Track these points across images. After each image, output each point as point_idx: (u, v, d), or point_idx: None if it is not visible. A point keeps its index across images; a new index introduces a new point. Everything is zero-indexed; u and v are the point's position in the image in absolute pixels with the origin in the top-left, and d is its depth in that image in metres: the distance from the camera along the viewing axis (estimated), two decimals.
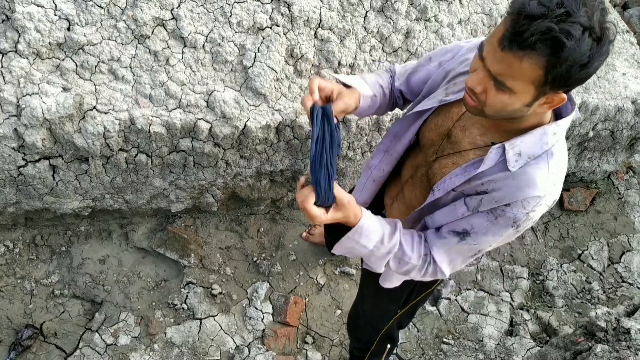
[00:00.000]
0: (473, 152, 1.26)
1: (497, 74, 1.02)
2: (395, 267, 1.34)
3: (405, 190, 1.56)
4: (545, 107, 1.08)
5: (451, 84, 1.35)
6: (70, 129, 1.99)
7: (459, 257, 1.32)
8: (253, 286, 2.63)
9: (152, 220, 2.64)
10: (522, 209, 1.15)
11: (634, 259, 3.22)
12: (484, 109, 1.10)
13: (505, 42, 0.97)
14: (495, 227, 1.21)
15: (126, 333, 2.40)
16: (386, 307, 1.89)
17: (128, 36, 2.02)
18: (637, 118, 2.89)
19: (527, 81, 1.00)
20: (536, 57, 0.95)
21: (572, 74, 0.96)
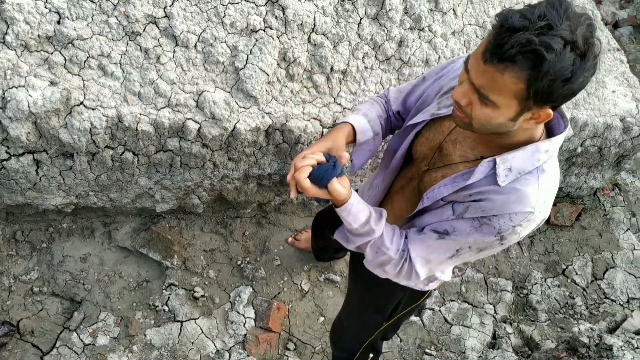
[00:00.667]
0: (463, 165, 1.26)
1: (480, 87, 1.02)
2: (372, 255, 1.36)
3: (394, 201, 1.56)
4: (531, 122, 1.07)
5: (444, 97, 1.35)
6: (56, 124, 1.96)
7: (435, 255, 1.31)
8: (236, 290, 2.60)
9: (136, 219, 2.61)
10: (509, 221, 1.14)
11: (617, 276, 3.23)
12: (471, 122, 1.10)
13: (487, 55, 0.97)
14: (478, 234, 1.19)
15: (105, 333, 2.36)
16: (372, 319, 1.87)
17: (119, 32, 2.00)
18: (625, 136, 2.91)
19: (509, 95, 0.99)
20: (517, 71, 0.95)
21: (554, 89, 0.95)
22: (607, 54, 3.10)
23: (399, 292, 1.71)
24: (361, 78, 2.36)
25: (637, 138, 2.94)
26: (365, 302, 1.84)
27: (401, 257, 1.33)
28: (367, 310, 1.86)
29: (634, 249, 3.39)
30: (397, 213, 1.54)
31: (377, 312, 1.83)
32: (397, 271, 1.36)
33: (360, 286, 1.85)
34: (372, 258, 1.37)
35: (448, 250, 1.26)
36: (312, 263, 2.77)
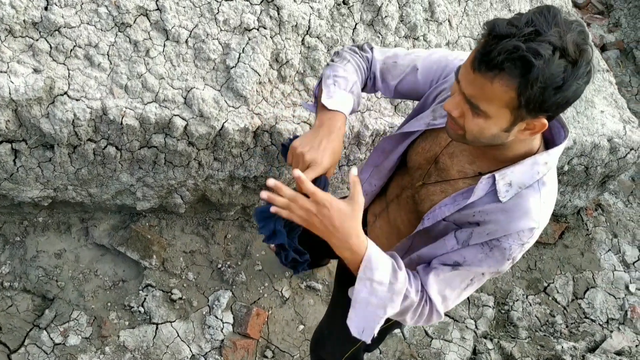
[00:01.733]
0: (462, 182, 1.23)
1: (470, 97, 0.99)
2: (399, 305, 1.16)
3: (390, 210, 1.51)
4: (526, 133, 1.04)
5: (439, 106, 1.31)
6: (37, 113, 1.89)
7: (450, 290, 1.20)
8: (215, 294, 2.54)
9: (115, 217, 2.53)
10: (518, 240, 1.11)
11: (598, 296, 3.23)
12: (465, 134, 1.07)
13: (476, 63, 0.95)
14: (490, 259, 1.15)
15: (77, 333, 2.28)
16: None
17: (109, 23, 1.94)
18: (612, 156, 2.92)
19: (500, 104, 0.97)
20: (507, 79, 0.92)
21: (546, 97, 0.93)
22: (597, 74, 3.12)
23: None
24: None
25: (623, 159, 2.96)
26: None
27: (421, 298, 1.18)
28: None
29: (615, 270, 3.40)
30: (393, 223, 1.49)
31: None
32: (417, 316, 1.20)
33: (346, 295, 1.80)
34: (397, 308, 1.17)
35: (463, 281, 1.19)
36: None
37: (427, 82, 1.37)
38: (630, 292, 3.32)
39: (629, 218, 3.73)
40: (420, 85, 1.38)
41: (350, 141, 2.38)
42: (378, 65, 1.43)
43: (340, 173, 2.57)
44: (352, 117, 2.32)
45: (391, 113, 2.40)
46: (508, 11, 2.68)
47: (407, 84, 1.40)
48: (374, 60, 1.44)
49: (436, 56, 1.37)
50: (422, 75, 1.37)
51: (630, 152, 2.92)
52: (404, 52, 1.43)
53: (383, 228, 1.56)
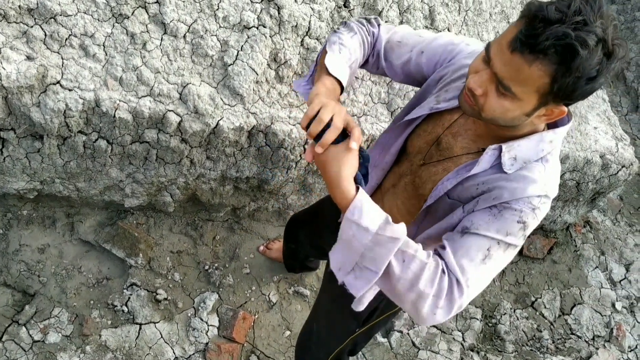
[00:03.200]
0: (465, 157, 1.21)
1: (502, 77, 0.97)
2: (400, 268, 1.03)
3: (386, 201, 1.48)
4: (543, 119, 1.05)
5: (443, 91, 1.29)
6: (28, 101, 1.84)
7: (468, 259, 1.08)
8: (201, 296, 2.48)
9: (102, 213, 2.48)
10: (529, 204, 1.08)
11: (584, 313, 3.23)
12: (481, 112, 1.05)
13: (517, 44, 0.93)
14: (500, 222, 1.08)
15: (57, 330, 2.21)
16: (345, 325, 1.76)
17: (106, 13, 1.90)
18: (603, 172, 2.93)
19: (532, 88, 0.96)
20: (546, 64, 0.91)
21: (578, 86, 0.92)
22: None
23: (378, 295, 1.62)
24: (351, 88, 2.31)
25: (614, 176, 2.97)
26: (340, 305, 1.72)
27: (436, 265, 1.05)
28: (341, 315, 1.73)
29: (602, 287, 3.41)
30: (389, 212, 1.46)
31: (352, 317, 1.71)
32: (435, 286, 1.03)
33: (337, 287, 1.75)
34: (401, 271, 1.03)
35: (479, 250, 1.09)
36: (282, 274, 2.68)
37: (432, 66, 1.34)
38: (617, 310, 3.32)
39: (617, 236, 3.74)
40: (424, 68, 1.35)
41: None
42: (382, 44, 1.38)
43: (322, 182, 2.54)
44: None
45: (387, 119, 2.38)
46: (507, 23, 2.69)
47: (411, 66, 1.36)
48: (379, 37, 1.39)
49: (442, 40, 1.34)
50: (427, 59, 1.34)
51: (621, 170, 2.93)
52: (409, 31, 1.39)
53: None
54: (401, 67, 1.38)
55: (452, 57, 1.31)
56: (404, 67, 1.37)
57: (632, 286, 3.48)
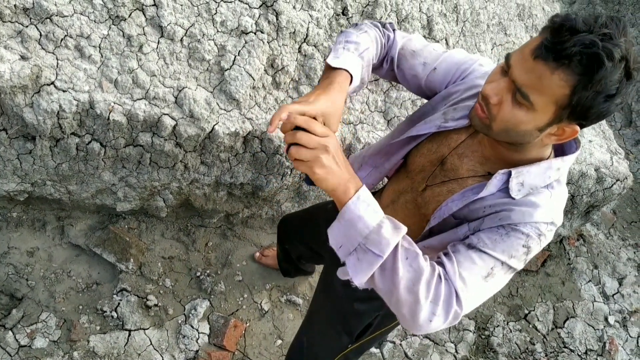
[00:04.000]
0: (472, 180, 1.19)
1: (522, 85, 0.96)
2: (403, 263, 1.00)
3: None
4: (553, 138, 1.03)
5: (451, 109, 1.27)
6: (21, 102, 1.81)
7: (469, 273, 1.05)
8: (192, 303, 2.45)
9: (94, 217, 2.45)
10: (536, 229, 1.07)
11: (577, 326, 3.22)
12: (492, 124, 1.04)
13: (542, 51, 0.92)
14: (506, 244, 1.07)
15: (44, 335, 2.17)
16: (337, 339, 1.73)
17: (103, 15, 1.89)
18: (598, 186, 2.93)
19: (551, 98, 0.94)
20: (568, 73, 0.90)
21: (595, 103, 0.92)
22: None
23: (373, 311, 1.60)
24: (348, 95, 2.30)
25: (608, 189, 2.97)
26: (334, 320, 1.70)
27: (432, 270, 1.03)
28: (334, 329, 1.72)
29: (594, 301, 3.40)
30: None
31: (345, 331, 1.69)
32: (432, 292, 1.01)
33: (331, 300, 1.72)
34: (404, 268, 1.00)
35: (482, 268, 1.07)
36: (275, 282, 2.65)
37: (444, 83, 1.33)
38: (609, 324, 3.31)
39: (610, 250, 3.74)
40: (435, 85, 1.34)
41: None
42: (397, 49, 1.36)
43: None
44: (345, 129, 2.29)
45: (384, 127, 2.37)
46: (504, 34, 2.70)
47: (423, 80, 1.35)
48: (394, 42, 1.36)
49: (456, 58, 1.33)
50: (440, 76, 1.33)
51: (616, 183, 2.93)
52: (423, 43, 1.37)
53: None
54: (412, 78, 1.37)
55: (464, 75, 1.30)
56: (415, 79, 1.36)
57: (624, 300, 3.48)
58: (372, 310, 1.60)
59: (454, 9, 2.50)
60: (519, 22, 2.82)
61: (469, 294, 1.04)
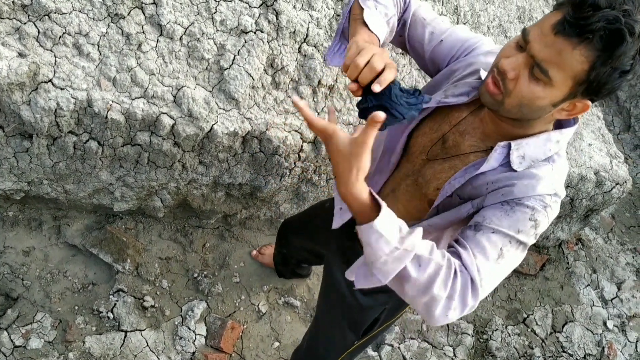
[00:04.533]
0: (474, 155, 1.18)
1: (542, 60, 0.95)
2: (416, 271, 0.97)
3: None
4: (564, 114, 1.04)
5: (452, 85, 1.26)
6: (18, 99, 1.80)
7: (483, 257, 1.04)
8: (189, 304, 2.43)
9: (90, 216, 2.43)
10: (541, 201, 1.06)
11: (576, 330, 3.20)
12: (505, 99, 1.03)
13: (564, 26, 0.92)
14: (512, 219, 1.05)
15: (39, 336, 2.15)
16: (343, 338, 1.71)
17: (102, 12, 1.87)
18: (597, 190, 2.92)
19: (569, 73, 0.95)
20: (589, 49, 0.91)
21: (611, 79, 0.93)
22: None
23: (379, 305, 1.58)
24: (347, 96, 2.29)
25: (608, 193, 2.96)
26: (339, 318, 1.67)
27: (449, 265, 1.01)
28: (340, 328, 1.69)
29: (593, 305, 3.38)
30: None
31: (350, 330, 1.68)
32: (449, 287, 0.99)
33: (335, 299, 1.70)
34: (417, 275, 0.98)
35: (493, 248, 1.05)
36: (273, 284, 2.63)
37: (447, 57, 1.32)
38: (608, 329, 3.30)
39: (608, 255, 3.73)
40: (440, 58, 1.33)
41: None
42: (411, 13, 1.34)
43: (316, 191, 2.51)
44: (345, 130, 2.27)
45: None
46: (504, 37, 2.69)
47: (427, 50, 1.34)
48: (409, 5, 1.35)
49: (462, 34, 1.31)
50: (445, 50, 1.31)
51: (615, 187, 2.93)
52: (432, 13, 1.36)
53: None
54: (418, 46, 1.35)
55: (467, 52, 1.29)
56: (420, 48, 1.35)
57: (623, 305, 3.46)
58: (379, 305, 1.58)
59: (455, 10, 2.50)
60: (519, 24, 2.82)
61: (485, 281, 1.03)
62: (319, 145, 2.23)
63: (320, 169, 2.37)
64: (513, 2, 2.82)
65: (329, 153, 0.97)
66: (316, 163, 2.33)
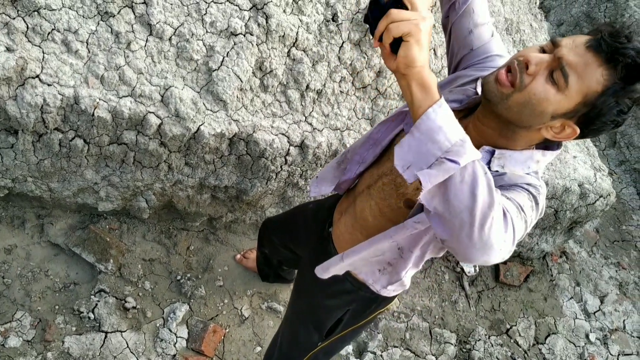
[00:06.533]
0: None
1: (568, 63, 0.98)
2: (483, 180, 0.88)
3: (358, 202, 1.45)
4: (551, 133, 1.06)
5: (447, 91, 1.29)
6: (4, 94, 1.79)
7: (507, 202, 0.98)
8: (171, 306, 2.41)
9: (74, 216, 2.41)
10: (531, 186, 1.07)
11: (558, 343, 3.21)
12: (514, 94, 1.03)
13: (599, 43, 0.96)
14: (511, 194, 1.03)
15: (18, 334, 2.12)
16: (307, 337, 1.72)
17: (92, 10, 1.88)
18: (581, 202, 2.95)
19: (584, 88, 0.98)
20: (610, 74, 0.96)
21: (609, 113, 0.99)
22: None
23: (344, 305, 1.59)
24: (335, 101, 2.31)
25: (592, 205, 2.99)
26: (305, 316, 1.70)
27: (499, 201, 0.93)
28: (305, 326, 1.72)
29: (576, 318, 3.40)
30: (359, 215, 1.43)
31: (315, 329, 1.69)
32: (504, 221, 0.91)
33: (303, 298, 1.72)
34: (483, 189, 0.87)
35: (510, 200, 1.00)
36: (256, 288, 2.62)
37: (467, 63, 1.33)
38: (590, 342, 3.32)
39: (592, 268, 3.76)
40: (462, 62, 1.35)
41: (327, 159, 2.34)
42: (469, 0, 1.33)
43: None
44: (332, 135, 2.29)
45: None
46: None
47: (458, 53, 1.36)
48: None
49: (496, 45, 1.33)
50: (471, 58, 1.33)
51: (599, 199, 2.96)
52: (484, 16, 1.33)
53: (347, 223, 1.50)
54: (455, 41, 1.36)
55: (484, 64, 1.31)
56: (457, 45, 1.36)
57: (606, 318, 3.48)
58: (343, 305, 1.59)
59: None
60: (507, 36, 2.86)
61: (511, 220, 0.94)
62: (306, 149, 2.24)
63: (306, 173, 2.38)
64: (502, 14, 2.87)
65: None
66: (302, 167, 2.33)
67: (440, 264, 3.22)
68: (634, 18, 4.73)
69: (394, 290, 1.51)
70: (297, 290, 1.83)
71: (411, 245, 1.28)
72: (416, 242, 1.27)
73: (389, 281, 1.43)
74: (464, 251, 0.92)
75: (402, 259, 1.32)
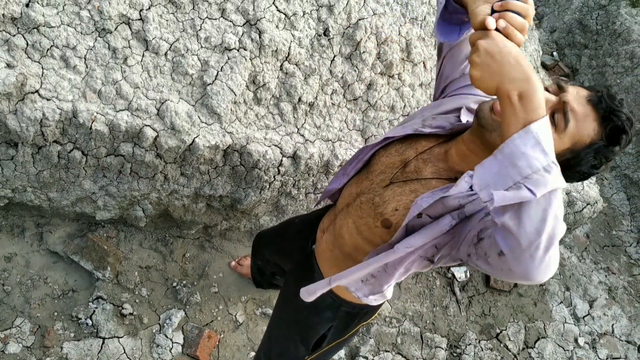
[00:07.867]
0: (437, 181, 1.22)
1: (572, 110, 1.05)
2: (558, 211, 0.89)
3: (337, 220, 1.49)
4: None
5: (430, 117, 1.33)
6: (5, 108, 1.85)
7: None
8: (167, 312, 2.47)
9: (73, 224, 2.47)
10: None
11: (548, 347, 3.28)
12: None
13: (600, 100, 1.04)
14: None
15: (18, 341, 2.18)
16: (295, 350, 1.76)
17: (89, 27, 1.94)
18: (569, 209, 3.01)
19: (577, 137, 1.05)
20: (601, 131, 1.04)
21: (584, 167, 1.08)
22: None
23: (326, 322, 1.64)
24: (327, 113, 2.37)
25: (579, 213, 3.05)
26: (291, 330, 1.73)
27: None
28: (293, 340, 1.75)
29: (565, 322, 3.47)
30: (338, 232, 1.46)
31: (302, 343, 1.73)
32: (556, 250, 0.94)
33: (290, 312, 1.76)
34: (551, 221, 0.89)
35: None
36: (250, 295, 2.68)
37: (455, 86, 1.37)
38: (579, 346, 3.38)
39: (582, 273, 3.82)
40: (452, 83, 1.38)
41: (319, 169, 2.40)
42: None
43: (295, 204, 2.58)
44: (324, 146, 2.35)
45: (361, 145, 2.44)
46: None
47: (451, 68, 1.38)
48: None
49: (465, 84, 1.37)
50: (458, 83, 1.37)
51: (586, 207, 3.02)
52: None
53: (328, 241, 1.54)
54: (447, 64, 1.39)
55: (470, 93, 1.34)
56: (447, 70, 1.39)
57: (595, 322, 3.55)
58: (325, 321, 1.63)
59: (432, 33, 2.59)
60: None
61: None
62: (298, 160, 2.30)
63: (299, 182, 2.44)
64: None
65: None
66: (295, 177, 2.39)
67: (432, 270, 3.28)
68: (624, 26, 4.80)
69: (375, 300, 1.54)
70: (282, 305, 1.85)
71: (396, 263, 1.30)
72: (402, 261, 1.29)
73: (371, 291, 1.47)
74: (523, 269, 0.94)
75: (386, 273, 1.36)
